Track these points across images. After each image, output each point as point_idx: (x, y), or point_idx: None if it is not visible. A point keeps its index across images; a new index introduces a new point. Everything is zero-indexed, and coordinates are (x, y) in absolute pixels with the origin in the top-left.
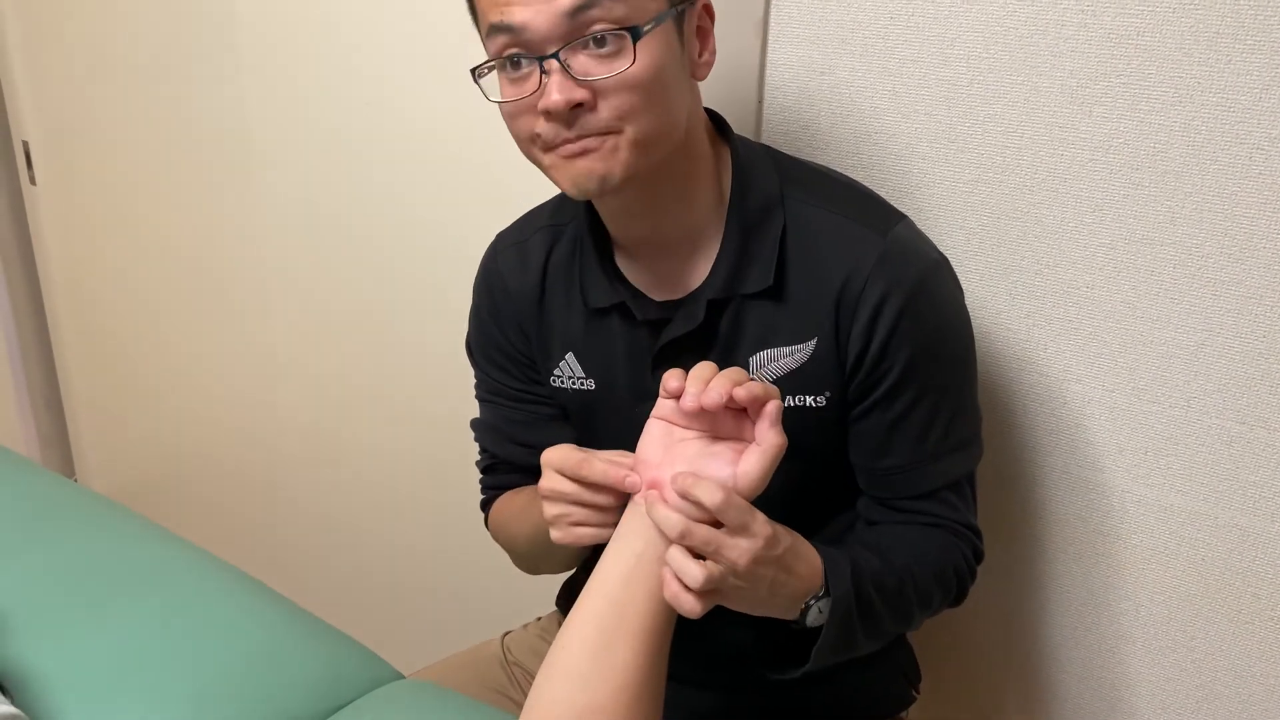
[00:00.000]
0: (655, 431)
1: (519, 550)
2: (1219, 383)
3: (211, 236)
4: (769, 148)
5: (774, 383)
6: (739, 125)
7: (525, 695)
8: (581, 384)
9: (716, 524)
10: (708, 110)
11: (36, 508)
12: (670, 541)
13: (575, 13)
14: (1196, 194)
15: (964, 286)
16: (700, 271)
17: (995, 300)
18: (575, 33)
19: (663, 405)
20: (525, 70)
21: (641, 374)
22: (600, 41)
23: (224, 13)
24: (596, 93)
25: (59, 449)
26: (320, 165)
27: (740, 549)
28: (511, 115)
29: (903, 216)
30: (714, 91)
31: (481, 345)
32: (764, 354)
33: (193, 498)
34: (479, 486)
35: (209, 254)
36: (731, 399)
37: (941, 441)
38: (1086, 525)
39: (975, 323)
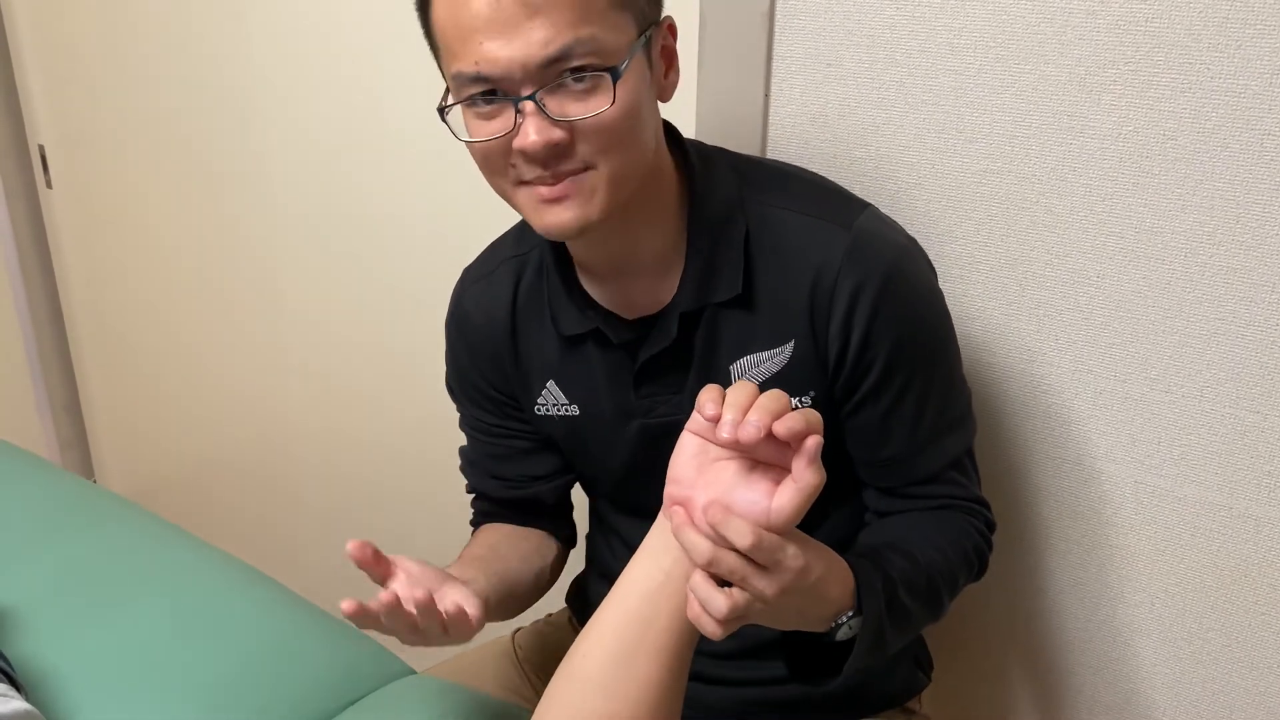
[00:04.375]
0: (690, 448)
1: None
2: (1232, 371)
3: (224, 240)
4: (722, 149)
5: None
6: (746, 120)
7: (535, 692)
8: (566, 410)
9: None
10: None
11: (55, 508)
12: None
13: (551, 62)
14: (1207, 181)
15: (973, 278)
16: (669, 286)
17: (1006, 291)
18: (552, 75)
19: (697, 420)
20: (496, 107)
21: (624, 394)
22: (579, 78)
23: (235, 20)
24: (574, 131)
25: (78, 451)
26: (330, 170)
27: (768, 580)
28: (482, 153)
29: (866, 205)
30: (720, 87)
31: (457, 381)
32: (745, 360)
33: (209, 498)
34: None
35: (222, 257)
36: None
37: (936, 423)
38: (1099, 516)
39: (985, 315)
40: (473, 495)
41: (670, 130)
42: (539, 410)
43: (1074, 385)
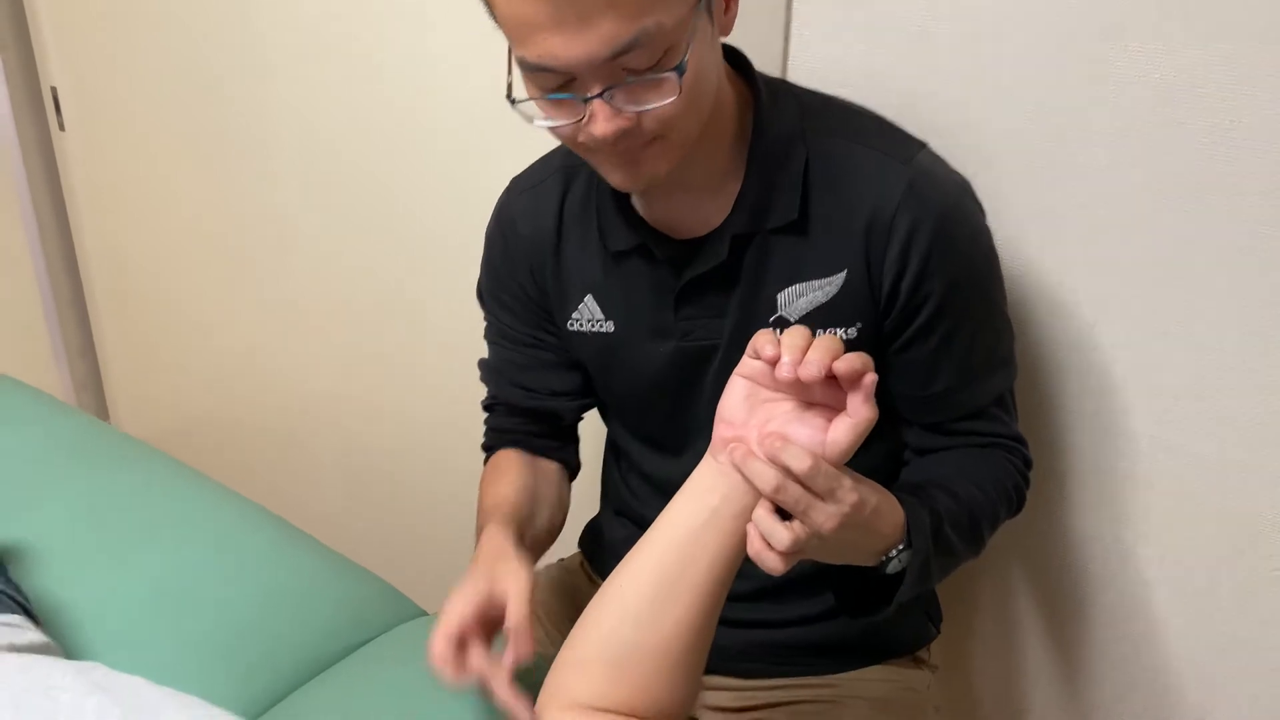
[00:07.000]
0: (739, 390)
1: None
2: (1256, 327)
3: (239, 184)
4: (786, 82)
5: (804, 317)
6: (766, 61)
7: (547, 634)
8: (600, 326)
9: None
10: (727, 47)
11: (71, 448)
12: (762, 495)
13: (616, 55)
14: (1236, 129)
15: (997, 230)
16: (721, 209)
17: (1028, 244)
18: (617, 72)
19: (748, 364)
20: (564, 99)
21: (664, 313)
22: (644, 78)
23: None
24: (641, 115)
25: (93, 396)
26: (349, 117)
27: (827, 513)
28: (551, 132)
29: (924, 144)
30: (740, 27)
31: (491, 288)
32: (792, 289)
33: (223, 442)
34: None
35: (237, 201)
36: (829, 371)
37: (985, 361)
38: (1115, 471)
39: (1007, 266)
40: (488, 411)
41: (736, 55)
42: (572, 326)
43: (1093, 339)
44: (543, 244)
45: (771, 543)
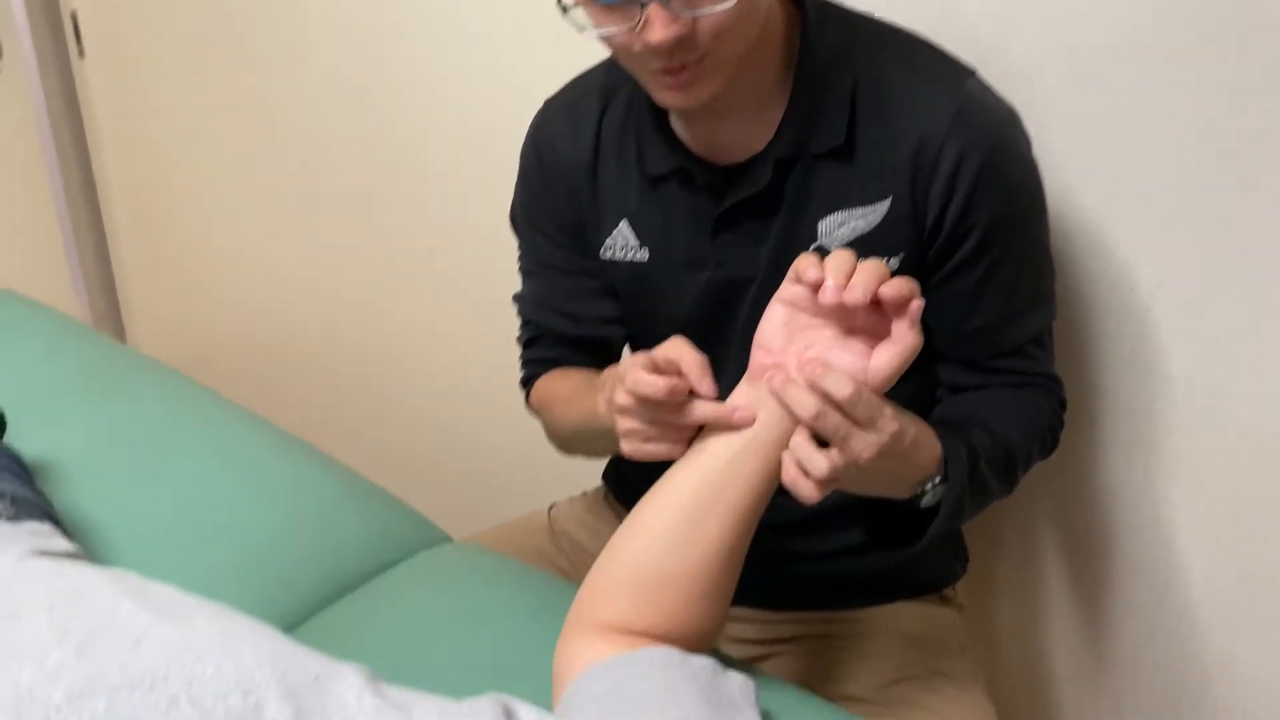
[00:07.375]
0: (778, 316)
1: (562, 436)
2: None
3: (261, 111)
4: (835, 4)
5: (844, 247)
6: None
7: (571, 564)
8: (635, 254)
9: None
10: None
11: (96, 370)
12: (800, 423)
13: None
14: None
15: (1037, 164)
16: (764, 133)
17: (1067, 178)
18: None
19: (789, 289)
20: (621, 6)
21: (701, 241)
22: None
23: None
24: (696, 20)
25: (112, 325)
26: (373, 41)
27: (867, 442)
28: (605, 43)
29: (973, 71)
30: None
31: (528, 212)
32: (835, 217)
33: (244, 369)
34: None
35: (259, 128)
36: (875, 295)
37: (1027, 297)
38: (1149, 414)
39: (1048, 201)
40: (528, 343)
41: None
42: (605, 254)
43: (1131, 278)
44: (580, 165)
45: (809, 470)
